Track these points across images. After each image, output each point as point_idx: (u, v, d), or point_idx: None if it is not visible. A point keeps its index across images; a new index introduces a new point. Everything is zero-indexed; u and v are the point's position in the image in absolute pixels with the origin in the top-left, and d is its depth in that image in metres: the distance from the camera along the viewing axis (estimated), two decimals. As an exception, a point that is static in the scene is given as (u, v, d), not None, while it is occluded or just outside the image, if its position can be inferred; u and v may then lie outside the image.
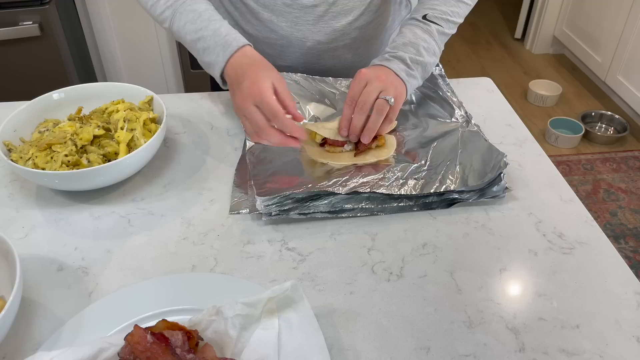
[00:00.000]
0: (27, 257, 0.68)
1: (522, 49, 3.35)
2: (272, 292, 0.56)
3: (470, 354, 0.57)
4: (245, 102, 0.74)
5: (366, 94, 0.79)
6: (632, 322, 0.61)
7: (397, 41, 0.86)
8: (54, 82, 1.91)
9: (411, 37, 0.86)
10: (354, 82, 0.81)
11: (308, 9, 0.92)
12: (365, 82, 0.80)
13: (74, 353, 0.51)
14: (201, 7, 0.83)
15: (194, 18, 0.82)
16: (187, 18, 0.82)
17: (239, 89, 0.75)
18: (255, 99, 0.73)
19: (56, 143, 0.75)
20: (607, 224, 2.08)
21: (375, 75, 0.80)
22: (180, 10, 0.83)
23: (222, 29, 0.81)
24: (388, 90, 0.79)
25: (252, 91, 0.73)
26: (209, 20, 0.82)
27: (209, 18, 0.82)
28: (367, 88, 0.79)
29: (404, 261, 0.68)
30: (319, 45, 0.97)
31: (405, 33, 0.87)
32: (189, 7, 0.83)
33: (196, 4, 0.84)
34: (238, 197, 0.77)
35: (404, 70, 0.83)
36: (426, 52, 0.85)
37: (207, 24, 0.81)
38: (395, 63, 0.83)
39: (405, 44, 0.85)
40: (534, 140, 0.90)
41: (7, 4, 1.82)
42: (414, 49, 0.85)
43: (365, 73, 0.81)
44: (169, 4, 0.84)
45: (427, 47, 0.86)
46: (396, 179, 0.76)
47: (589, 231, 0.73)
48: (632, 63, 2.52)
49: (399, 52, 0.84)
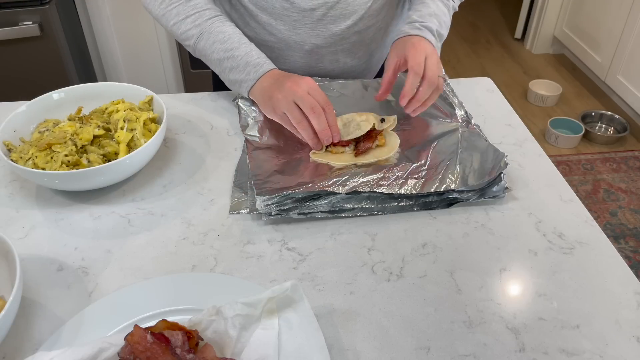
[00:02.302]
0: (27, 257, 0.68)
1: (522, 49, 3.35)
2: (272, 292, 0.56)
3: (470, 354, 0.57)
4: (286, 98, 0.80)
5: (433, 69, 0.84)
6: (632, 322, 0.61)
7: (422, 10, 0.91)
8: (54, 82, 1.91)
9: (435, 8, 0.91)
10: (413, 51, 0.84)
11: (307, 13, 0.92)
12: (425, 54, 0.84)
13: (74, 353, 0.51)
14: (230, 30, 0.88)
15: (224, 39, 0.87)
16: (216, 38, 0.87)
17: (280, 90, 0.81)
18: (296, 96, 0.79)
19: (56, 143, 0.75)
20: (607, 224, 2.08)
21: (430, 49, 0.85)
22: (209, 30, 0.87)
23: (253, 52, 0.87)
24: (440, 65, 0.85)
25: (293, 89, 0.80)
26: (240, 42, 0.87)
27: (239, 40, 0.88)
28: (430, 61, 0.84)
29: (404, 261, 0.68)
30: (317, 49, 0.97)
31: (428, 3, 0.92)
32: (217, 28, 0.88)
33: (224, 26, 0.88)
34: (238, 197, 0.77)
35: (433, 43, 0.88)
36: (445, 25, 0.91)
37: (237, 45, 0.87)
38: (428, 34, 0.88)
39: (430, 15, 0.90)
40: (534, 140, 0.90)
41: (7, 4, 1.82)
42: (438, 22, 0.90)
43: (423, 46, 0.85)
44: (196, 23, 0.88)
45: (446, 22, 0.92)
46: (396, 179, 0.76)
47: (589, 231, 0.73)
48: (632, 63, 2.52)
49: (427, 23, 0.88)
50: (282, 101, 0.80)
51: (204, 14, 0.88)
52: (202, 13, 0.88)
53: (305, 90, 0.80)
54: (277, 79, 0.84)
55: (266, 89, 0.84)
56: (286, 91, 0.80)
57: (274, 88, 0.83)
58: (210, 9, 0.89)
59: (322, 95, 0.81)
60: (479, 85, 1.05)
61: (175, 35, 0.90)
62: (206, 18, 0.88)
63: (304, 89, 0.80)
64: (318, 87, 0.81)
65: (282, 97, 0.81)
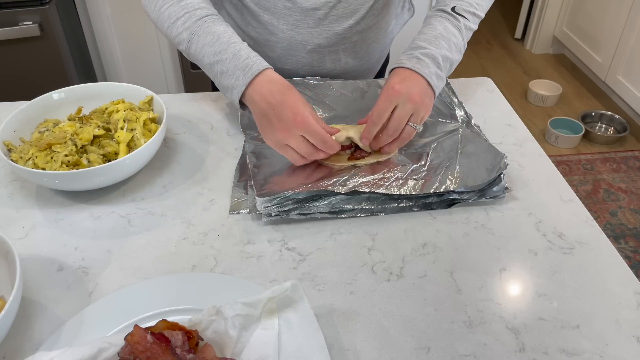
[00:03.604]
0: (27, 257, 0.68)
1: (522, 49, 3.35)
2: (272, 292, 0.56)
3: (470, 354, 0.57)
4: (290, 133, 0.73)
5: (398, 120, 0.76)
6: (632, 322, 0.61)
7: (428, 33, 0.82)
8: (54, 82, 1.92)
9: (442, 30, 0.82)
10: (383, 98, 0.77)
11: (309, 12, 0.92)
12: (397, 103, 0.76)
13: (74, 353, 0.51)
14: (219, 29, 0.80)
15: (213, 40, 0.79)
16: (205, 40, 0.79)
17: (281, 121, 0.73)
18: (301, 129, 0.73)
19: (56, 143, 0.75)
20: (607, 224, 2.08)
21: (407, 94, 0.76)
22: (199, 32, 0.80)
23: (242, 52, 0.78)
24: (418, 113, 0.77)
25: (297, 122, 0.72)
26: (228, 43, 0.78)
27: (228, 41, 0.79)
28: (398, 112, 0.76)
29: (404, 261, 0.68)
30: (319, 48, 0.97)
31: (435, 25, 0.83)
32: (207, 29, 0.80)
33: (215, 26, 0.80)
34: (238, 197, 0.77)
35: (435, 75, 0.79)
36: (455, 47, 0.83)
37: (226, 46, 0.78)
38: (427, 66, 0.79)
39: (437, 37, 0.81)
40: (534, 140, 0.90)
41: (7, 4, 1.82)
42: (446, 44, 0.81)
43: (398, 91, 0.76)
44: (186, 26, 0.81)
45: (457, 43, 0.83)
46: (396, 179, 0.76)
47: (589, 231, 0.73)
48: (632, 63, 2.52)
49: (431, 49, 0.80)
50: (271, 141, 0.76)
51: (194, 14, 0.81)
52: (192, 13, 0.81)
53: (298, 136, 0.73)
54: (269, 103, 0.74)
55: (263, 107, 0.75)
56: (278, 136, 0.74)
57: (263, 120, 0.75)
58: (202, 9, 0.82)
59: (318, 134, 0.73)
60: (479, 85, 1.05)
61: (170, 41, 0.83)
62: (195, 19, 0.81)
63: (297, 134, 0.73)
64: (313, 125, 0.73)
65: (273, 140, 0.75)
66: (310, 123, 0.73)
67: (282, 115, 0.73)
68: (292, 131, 0.73)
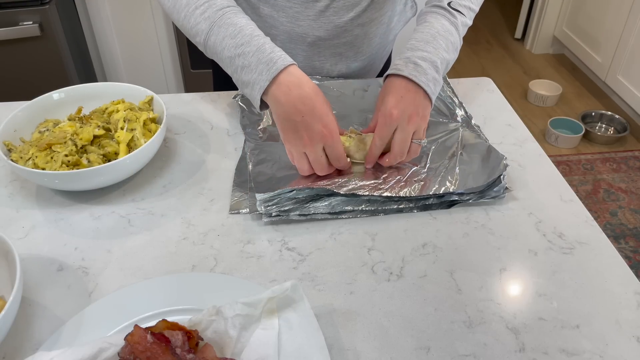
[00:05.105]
0: (27, 257, 0.68)
1: (522, 49, 3.35)
2: (272, 292, 0.56)
3: (470, 354, 0.57)
4: (314, 145, 0.72)
5: (402, 144, 0.75)
6: (632, 322, 0.61)
7: (425, 32, 0.80)
8: (54, 82, 1.92)
9: (440, 28, 0.80)
10: (383, 124, 0.75)
11: (309, 4, 0.91)
12: (396, 126, 0.75)
13: (74, 353, 0.51)
14: (242, 21, 0.76)
15: (234, 32, 0.74)
16: (226, 32, 0.75)
17: (308, 131, 0.71)
18: (326, 143, 0.72)
19: (56, 143, 0.75)
20: (607, 224, 2.08)
21: (406, 116, 0.74)
22: (219, 23, 0.75)
23: (266, 45, 0.73)
24: (420, 129, 0.76)
25: (324, 135, 0.72)
26: (251, 35, 0.74)
27: (251, 33, 0.74)
28: (400, 136, 0.75)
29: (404, 261, 0.68)
30: (320, 41, 0.96)
31: (432, 23, 0.81)
32: (228, 20, 0.75)
33: (237, 18, 0.76)
34: (238, 197, 0.77)
35: (433, 81, 0.77)
36: (452, 46, 0.81)
37: (249, 39, 0.73)
38: (424, 73, 0.77)
39: (434, 37, 0.79)
40: (534, 140, 0.90)
41: (7, 4, 1.82)
42: (444, 44, 0.80)
43: (397, 117, 0.74)
44: (205, 16, 0.76)
45: (454, 42, 0.82)
46: (396, 182, 0.76)
47: (589, 231, 0.73)
48: (632, 63, 2.52)
49: (429, 51, 0.78)
50: (293, 147, 0.74)
51: (214, 4, 0.76)
52: (212, 3, 0.76)
53: (320, 149, 0.73)
54: (298, 110, 0.71)
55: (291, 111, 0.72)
56: (300, 144, 0.73)
57: (288, 125, 0.72)
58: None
59: (337, 150, 0.73)
60: (479, 85, 1.05)
61: (185, 32, 0.80)
62: (216, 9, 0.76)
63: (319, 147, 0.72)
64: (338, 140, 0.73)
65: (294, 146, 0.74)
66: (336, 138, 0.73)
67: (311, 126, 0.71)
68: (316, 143, 0.72)
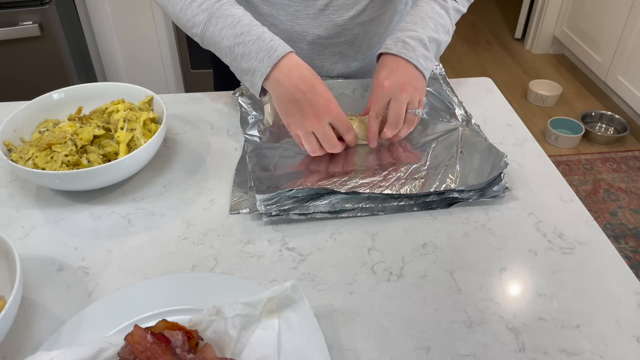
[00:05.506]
0: (27, 257, 0.68)
1: (522, 49, 3.35)
2: (272, 292, 0.56)
3: (470, 354, 0.57)
4: (320, 120, 0.75)
5: (397, 113, 0.79)
6: (632, 322, 0.61)
7: (414, 14, 0.84)
8: (54, 82, 1.92)
9: (429, 11, 0.84)
10: (376, 96, 0.79)
11: (308, 2, 0.91)
12: (390, 97, 0.78)
13: (74, 353, 0.51)
14: (239, 12, 0.78)
15: (233, 22, 0.77)
16: (225, 22, 0.77)
17: (312, 107, 0.74)
18: (332, 117, 0.75)
19: (56, 143, 0.75)
20: (607, 224, 2.08)
21: (399, 85, 0.78)
22: (217, 14, 0.78)
23: (265, 34, 0.76)
24: (414, 99, 0.79)
25: (329, 109, 0.75)
26: (250, 25, 0.77)
27: (250, 23, 0.77)
28: (395, 105, 0.78)
29: (404, 261, 0.68)
30: (319, 40, 0.96)
31: (422, 6, 0.85)
32: (226, 11, 0.78)
33: (234, 9, 0.79)
34: (238, 197, 0.77)
35: (422, 57, 0.81)
36: (442, 29, 0.84)
37: (248, 29, 0.76)
38: (413, 50, 0.80)
39: (423, 18, 0.83)
40: (534, 140, 0.90)
41: (7, 4, 1.82)
42: (433, 25, 0.83)
43: (388, 87, 0.78)
44: (203, 8, 0.78)
45: (444, 24, 0.85)
46: (396, 179, 0.76)
47: (589, 231, 0.73)
48: (632, 63, 2.52)
49: (417, 30, 0.82)
50: (299, 128, 0.76)
51: None
52: None
53: (327, 125, 0.75)
54: (300, 89, 0.74)
55: (292, 90, 0.74)
56: (307, 122, 0.75)
57: (291, 105, 0.75)
58: None
59: (345, 122, 0.77)
60: (479, 85, 1.05)
61: (181, 23, 0.82)
62: (214, 1, 0.78)
63: (326, 121, 0.75)
64: (342, 112, 0.76)
65: (300, 126, 0.76)
66: (340, 111, 0.76)
67: (314, 102, 0.74)
68: (322, 118, 0.75)
